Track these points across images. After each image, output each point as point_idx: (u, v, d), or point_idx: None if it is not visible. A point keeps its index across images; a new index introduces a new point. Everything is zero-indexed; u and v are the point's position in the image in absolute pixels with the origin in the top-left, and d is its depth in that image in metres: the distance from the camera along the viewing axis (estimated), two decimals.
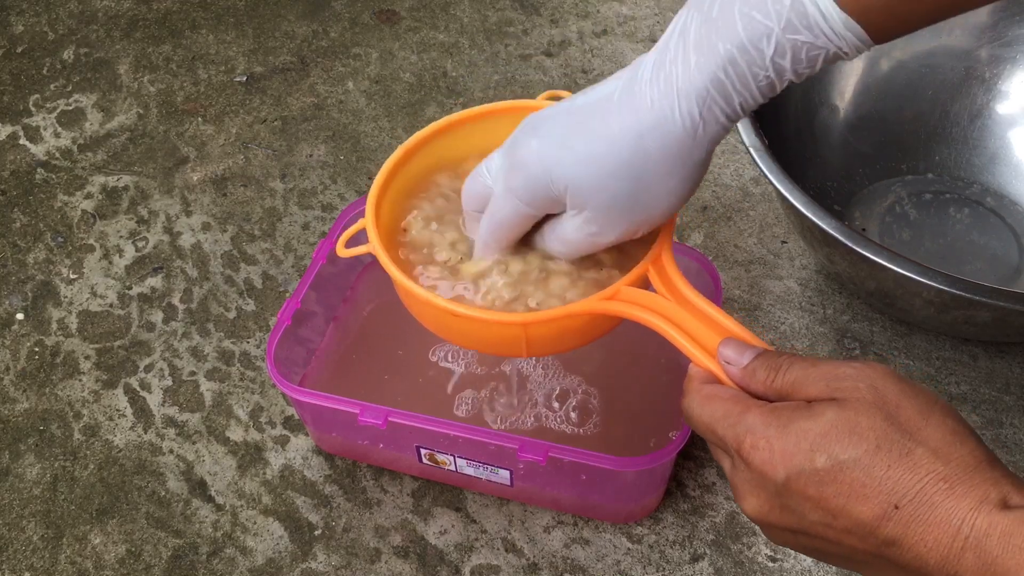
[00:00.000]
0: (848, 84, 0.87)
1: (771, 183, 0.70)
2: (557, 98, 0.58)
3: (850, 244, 0.64)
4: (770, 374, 0.43)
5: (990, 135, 0.87)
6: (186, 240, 0.88)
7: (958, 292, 0.62)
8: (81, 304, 0.83)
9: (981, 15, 0.85)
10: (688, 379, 0.46)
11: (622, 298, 0.49)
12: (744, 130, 0.71)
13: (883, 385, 0.40)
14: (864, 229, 0.84)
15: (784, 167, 0.70)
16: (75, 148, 0.97)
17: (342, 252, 0.56)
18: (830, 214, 0.66)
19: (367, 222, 0.54)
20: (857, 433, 0.39)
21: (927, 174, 0.88)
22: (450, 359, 0.75)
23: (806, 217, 0.66)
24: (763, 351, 0.44)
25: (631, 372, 0.74)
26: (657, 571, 0.66)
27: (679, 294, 0.49)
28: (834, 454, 0.39)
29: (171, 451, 0.73)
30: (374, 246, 0.53)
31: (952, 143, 0.88)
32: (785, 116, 0.82)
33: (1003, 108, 0.86)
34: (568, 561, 0.66)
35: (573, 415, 0.71)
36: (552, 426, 0.71)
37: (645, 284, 0.50)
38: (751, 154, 0.70)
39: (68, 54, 1.07)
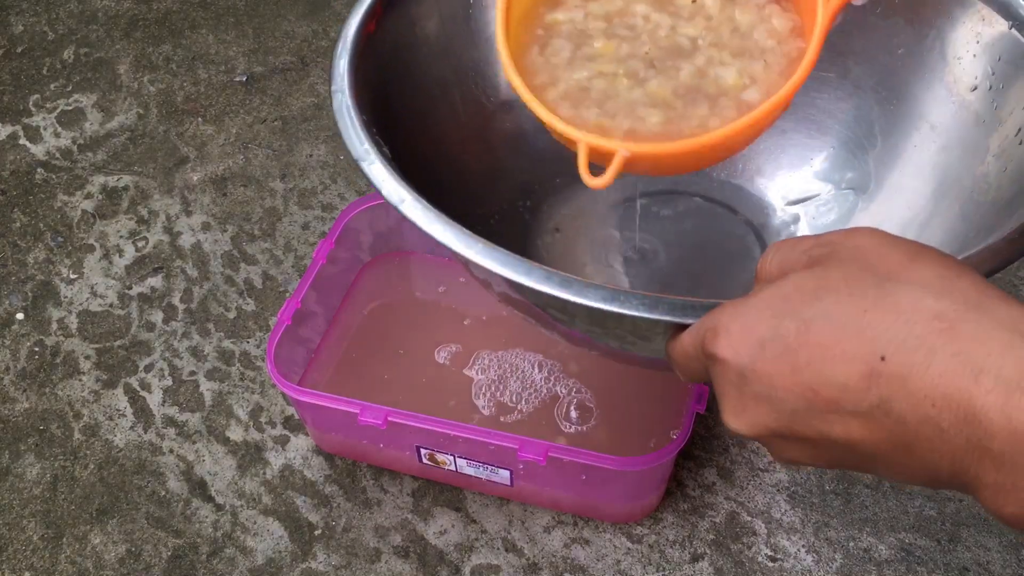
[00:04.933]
0: None
1: None
2: None
3: None
4: (760, 266, 0.37)
5: None
6: (186, 240, 0.88)
7: None
8: (81, 304, 0.83)
9: None
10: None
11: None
12: None
13: (867, 241, 0.33)
14: None
15: None
16: (75, 148, 0.97)
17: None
18: None
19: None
20: (824, 287, 0.32)
21: None
22: (451, 359, 0.75)
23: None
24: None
25: (631, 372, 0.74)
26: (657, 571, 0.66)
27: None
28: (798, 313, 0.32)
29: (171, 451, 0.73)
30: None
31: None
32: None
33: None
34: (568, 561, 0.66)
35: (573, 415, 0.71)
36: (552, 426, 0.71)
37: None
38: None
39: (68, 54, 1.07)
